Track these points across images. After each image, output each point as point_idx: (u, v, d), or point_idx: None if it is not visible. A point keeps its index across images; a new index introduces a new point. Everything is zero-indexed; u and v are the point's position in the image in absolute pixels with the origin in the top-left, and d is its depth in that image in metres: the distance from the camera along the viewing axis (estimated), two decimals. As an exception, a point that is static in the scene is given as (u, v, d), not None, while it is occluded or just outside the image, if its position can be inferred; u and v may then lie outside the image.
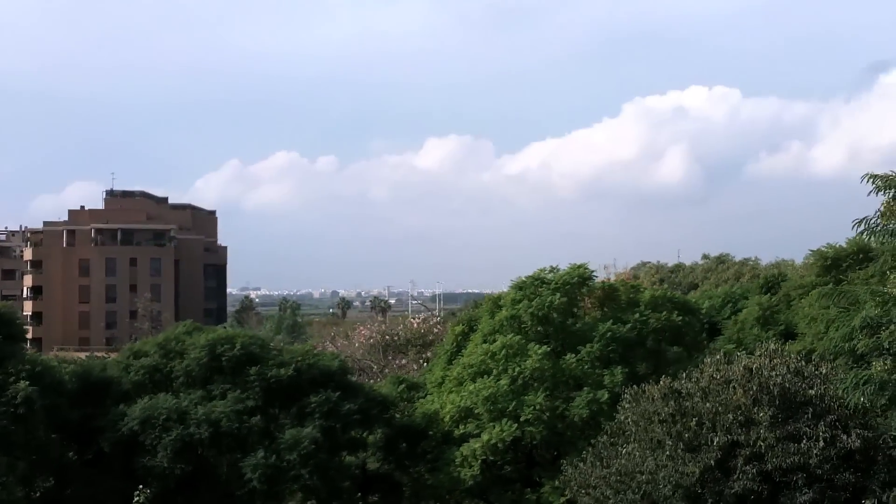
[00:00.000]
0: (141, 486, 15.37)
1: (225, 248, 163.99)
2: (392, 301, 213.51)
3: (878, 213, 20.93)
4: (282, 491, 37.56)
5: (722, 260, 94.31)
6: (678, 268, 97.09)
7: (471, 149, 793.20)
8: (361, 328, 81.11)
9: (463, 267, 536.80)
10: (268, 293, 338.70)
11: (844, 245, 40.26)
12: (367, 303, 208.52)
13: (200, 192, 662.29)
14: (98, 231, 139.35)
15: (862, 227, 21.35)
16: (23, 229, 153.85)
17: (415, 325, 77.10)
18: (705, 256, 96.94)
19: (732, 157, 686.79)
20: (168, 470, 35.70)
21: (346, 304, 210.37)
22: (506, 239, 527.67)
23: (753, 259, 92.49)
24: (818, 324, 35.34)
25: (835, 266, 40.10)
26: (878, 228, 21.04)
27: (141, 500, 15.02)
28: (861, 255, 38.66)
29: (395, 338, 73.48)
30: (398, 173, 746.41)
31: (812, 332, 36.01)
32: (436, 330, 72.61)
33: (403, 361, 67.84)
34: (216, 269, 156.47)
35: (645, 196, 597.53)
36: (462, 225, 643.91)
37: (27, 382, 35.02)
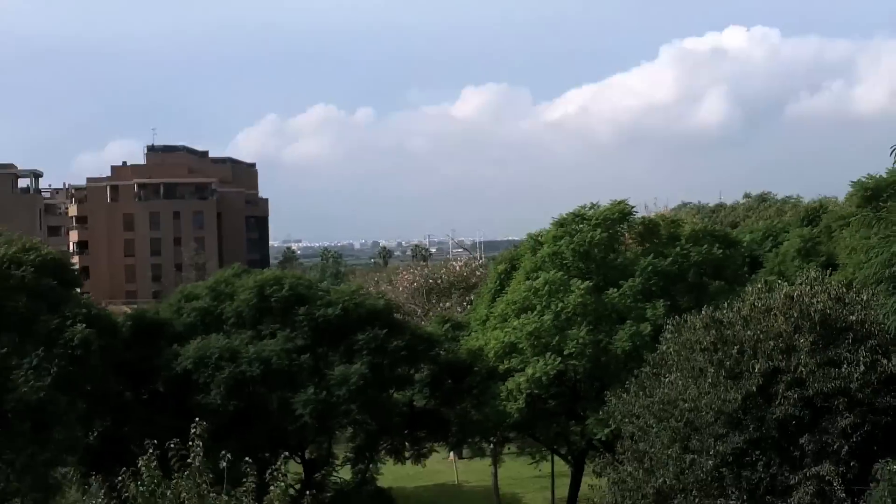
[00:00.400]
0: (197, 419, 15.98)
1: (266, 200, 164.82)
2: (433, 250, 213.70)
3: (918, 138, 20.88)
4: (332, 426, 38.46)
5: (763, 198, 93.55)
6: (719, 207, 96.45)
7: (508, 97, 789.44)
8: (404, 272, 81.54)
9: (502, 215, 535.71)
10: (309, 245, 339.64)
11: (885, 175, 39.94)
12: (408, 252, 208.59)
13: (239, 148, 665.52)
14: (141, 186, 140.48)
15: (900, 153, 21.37)
16: (66, 186, 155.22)
17: (457, 268, 77.53)
18: (747, 195, 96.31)
19: (772, 97, 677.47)
20: (221, 406, 36.73)
21: (387, 254, 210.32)
22: (545, 186, 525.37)
23: (795, 197, 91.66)
24: (859, 254, 35.22)
25: (875, 196, 39.80)
26: (917, 155, 21.00)
27: (198, 433, 15.68)
28: (902, 185, 38.35)
29: (439, 281, 73.92)
30: (436, 124, 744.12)
31: (853, 262, 35.83)
32: (479, 273, 72.94)
33: (447, 304, 68.28)
34: (258, 220, 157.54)
35: (684, 139, 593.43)
36: (501, 173, 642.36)
37: (83, 325, 36.02)
